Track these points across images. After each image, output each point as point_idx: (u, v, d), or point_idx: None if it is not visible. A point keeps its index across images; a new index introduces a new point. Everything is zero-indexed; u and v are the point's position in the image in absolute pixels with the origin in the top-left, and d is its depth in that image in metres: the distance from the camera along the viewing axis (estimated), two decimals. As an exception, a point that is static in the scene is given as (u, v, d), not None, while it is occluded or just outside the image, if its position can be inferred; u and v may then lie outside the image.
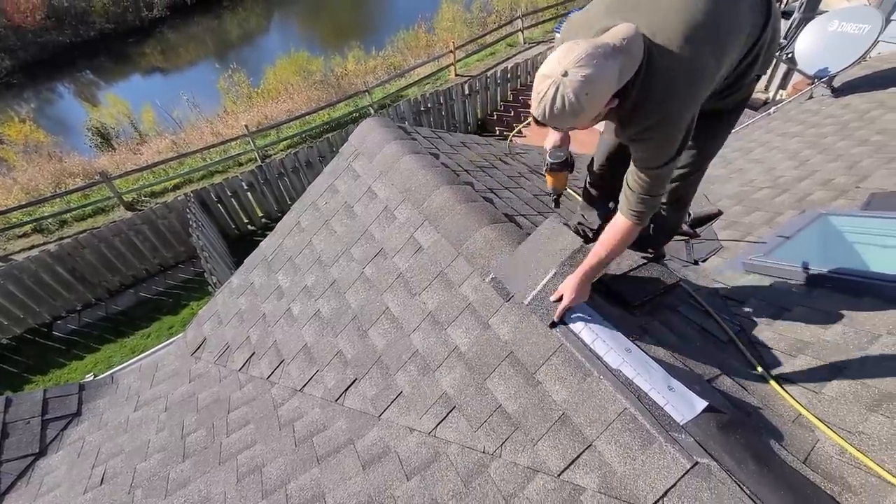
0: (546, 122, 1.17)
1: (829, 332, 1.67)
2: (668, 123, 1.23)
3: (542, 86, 1.11)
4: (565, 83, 1.07)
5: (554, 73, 1.09)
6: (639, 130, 1.27)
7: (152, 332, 7.32)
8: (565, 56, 1.09)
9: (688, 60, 1.18)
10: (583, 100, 1.09)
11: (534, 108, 1.16)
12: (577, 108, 1.10)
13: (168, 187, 10.85)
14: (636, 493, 1.25)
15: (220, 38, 26.79)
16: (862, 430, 1.30)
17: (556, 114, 1.12)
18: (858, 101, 3.90)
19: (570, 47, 1.09)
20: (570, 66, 1.07)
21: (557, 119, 1.13)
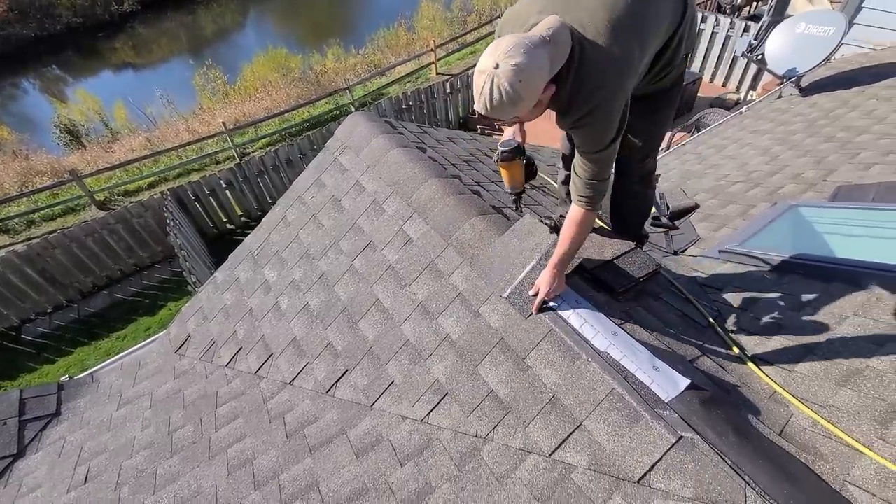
0: (489, 113, 1.22)
1: (800, 314, 1.76)
2: (603, 110, 1.32)
3: (479, 81, 1.18)
4: (498, 74, 1.14)
5: (487, 67, 1.15)
6: (576, 119, 1.35)
7: (128, 333, 7.13)
8: (495, 50, 1.16)
9: (615, 52, 1.27)
10: (517, 87, 1.15)
11: (476, 103, 1.22)
12: (514, 97, 1.16)
13: (142, 186, 10.54)
14: (625, 468, 1.30)
15: (194, 34, 26.12)
16: (832, 403, 1.39)
17: (496, 104, 1.18)
18: (824, 100, 4.09)
19: (498, 42, 1.17)
20: (500, 58, 1.13)
21: (498, 109, 1.20)
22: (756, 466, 1.19)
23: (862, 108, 3.58)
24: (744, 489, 1.15)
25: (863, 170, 2.68)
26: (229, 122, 11.30)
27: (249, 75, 16.03)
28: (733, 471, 1.18)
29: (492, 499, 1.43)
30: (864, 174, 2.63)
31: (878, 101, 3.56)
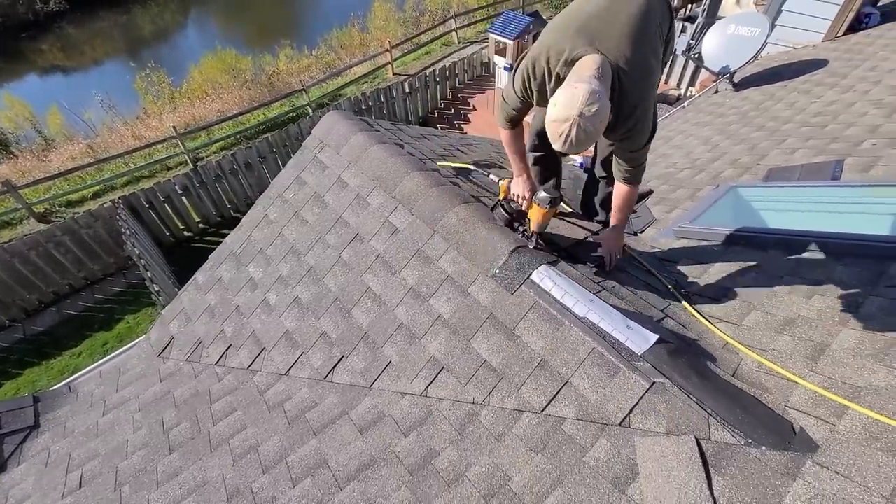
0: (570, 151, 1.45)
1: (744, 278, 2.04)
2: (644, 118, 1.61)
3: (564, 127, 1.38)
4: (583, 121, 1.35)
5: (570, 115, 1.35)
6: (622, 132, 1.63)
7: (83, 350, 6.77)
8: (573, 100, 1.35)
9: (643, 72, 1.55)
10: (598, 127, 1.40)
11: (558, 145, 1.43)
12: (595, 134, 1.41)
13: (87, 195, 9.96)
14: (608, 414, 1.49)
15: (131, 35, 24.71)
16: (773, 347, 1.64)
17: (581, 142, 1.40)
18: (755, 94, 4.55)
19: (573, 93, 1.37)
20: (582, 107, 1.34)
21: (579, 147, 1.42)
22: (716, 401, 1.41)
23: (786, 101, 4.02)
24: (707, 419, 1.37)
25: (789, 154, 3.05)
26: (179, 126, 10.87)
27: (197, 77, 15.42)
28: (698, 406, 1.40)
29: (492, 454, 1.58)
30: (790, 157, 2.99)
31: (798, 94, 4.02)
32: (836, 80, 3.99)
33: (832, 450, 1.24)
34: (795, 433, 1.32)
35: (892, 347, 1.45)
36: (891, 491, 1.11)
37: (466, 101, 11.37)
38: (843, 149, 2.83)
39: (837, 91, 3.75)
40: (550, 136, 1.45)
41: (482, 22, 16.03)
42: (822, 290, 1.80)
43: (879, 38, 4.51)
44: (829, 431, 1.29)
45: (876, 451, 1.20)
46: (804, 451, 1.27)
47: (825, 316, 1.67)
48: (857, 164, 2.58)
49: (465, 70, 11.92)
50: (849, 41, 4.81)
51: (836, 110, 3.40)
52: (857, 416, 1.30)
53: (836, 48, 4.76)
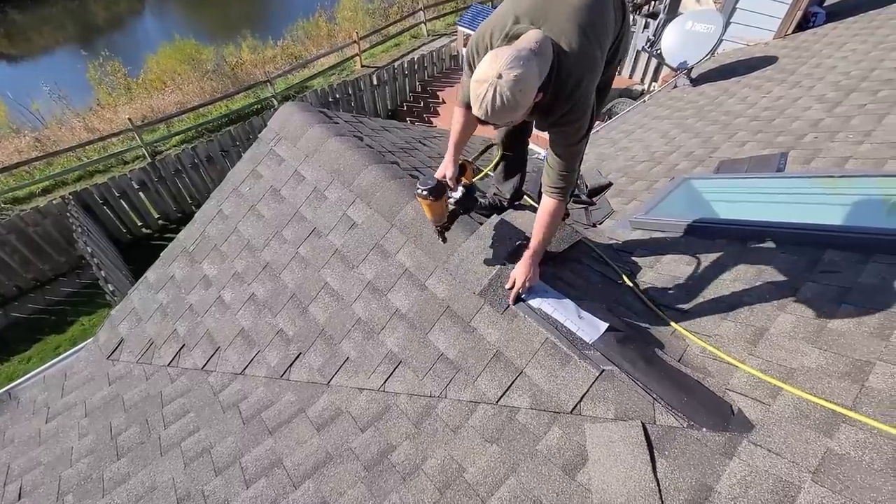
0: (489, 118, 1.33)
1: (693, 267, 2.10)
2: (580, 107, 1.50)
3: (481, 89, 1.28)
4: (500, 84, 1.25)
5: (489, 76, 1.26)
6: (558, 117, 1.53)
7: (33, 355, 6.42)
8: (495, 61, 1.27)
9: (585, 56, 1.47)
10: (518, 95, 1.27)
11: (475, 108, 1.33)
12: (514, 104, 1.29)
13: (35, 191, 9.42)
14: (560, 402, 1.52)
15: (83, 22, 23.39)
16: (716, 333, 1.70)
17: (497, 110, 1.29)
18: (710, 89, 4.70)
19: (497, 54, 1.28)
20: (502, 68, 1.24)
21: (498, 115, 1.31)
22: (661, 386, 1.45)
23: (738, 96, 4.17)
24: (653, 404, 1.41)
25: (739, 147, 3.17)
26: (136, 118, 10.39)
27: (155, 67, 14.75)
28: (644, 391, 1.44)
29: (448, 447, 1.59)
30: (740, 150, 3.11)
31: (750, 90, 4.17)
32: (784, 76, 4.16)
33: (766, 429, 1.30)
34: (734, 414, 1.38)
35: (823, 330, 1.53)
36: (817, 465, 1.17)
37: (436, 95, 11.30)
38: (788, 142, 2.96)
39: (785, 87, 3.91)
40: (471, 98, 1.33)
41: (451, 14, 15.95)
42: (764, 277, 1.87)
43: (824, 36, 4.73)
44: (764, 412, 1.35)
45: (805, 429, 1.26)
46: (741, 431, 1.32)
47: (765, 302, 1.74)
48: (800, 157, 2.70)
49: (434, 63, 11.84)
50: (797, 39, 5.02)
51: (783, 105, 3.55)
52: (790, 396, 1.36)
53: (785, 45, 4.96)
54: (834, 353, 1.44)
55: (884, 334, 1.42)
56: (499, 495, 1.42)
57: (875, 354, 1.38)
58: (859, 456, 1.16)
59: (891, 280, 1.61)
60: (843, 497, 1.10)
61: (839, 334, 1.49)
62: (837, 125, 2.93)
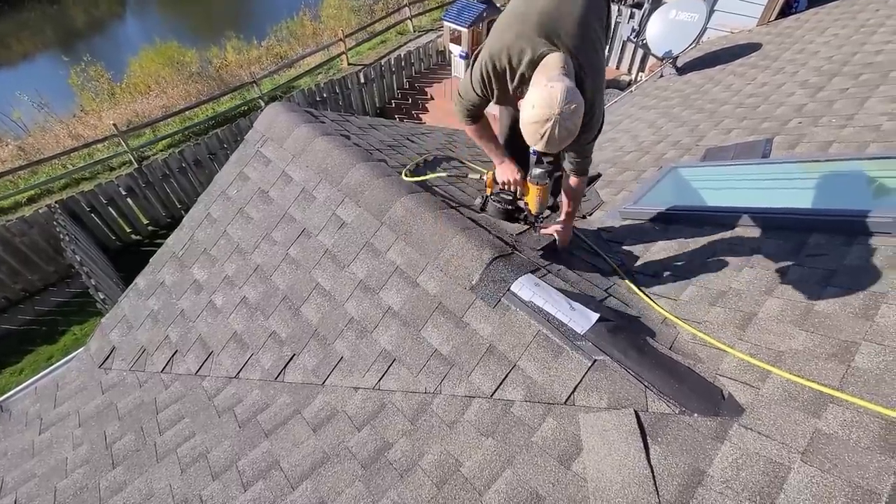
0: (551, 150, 1.49)
1: (682, 255, 2.12)
2: (599, 110, 1.68)
3: (545, 128, 1.39)
4: (563, 119, 1.38)
5: (552, 115, 1.37)
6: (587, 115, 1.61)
7: (25, 366, 6.35)
8: (552, 100, 1.37)
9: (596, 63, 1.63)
10: (577, 122, 1.43)
11: (540, 145, 1.45)
12: (574, 130, 1.44)
13: (20, 201, 9.27)
14: (553, 393, 1.53)
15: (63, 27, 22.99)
16: (706, 319, 1.72)
17: (563, 140, 1.44)
18: (696, 78, 4.72)
19: (551, 93, 1.38)
20: (561, 106, 1.36)
21: (561, 144, 1.46)
22: (652, 374, 1.47)
23: (724, 83, 4.20)
24: (645, 391, 1.42)
25: (725, 134, 3.19)
26: (121, 123, 10.25)
27: (139, 71, 14.56)
28: (636, 379, 1.45)
29: (444, 442, 1.59)
30: (726, 137, 3.13)
31: (734, 77, 4.20)
32: (768, 62, 4.19)
33: (756, 412, 1.32)
34: (724, 399, 1.40)
35: (810, 312, 1.55)
36: (805, 446, 1.19)
37: (424, 91, 11.26)
38: (772, 128, 2.99)
39: (769, 73, 3.94)
40: (528, 137, 1.46)
41: (437, 10, 15.86)
42: (752, 262, 1.89)
43: (806, 21, 4.77)
44: (753, 395, 1.37)
45: (794, 410, 1.28)
46: (732, 415, 1.34)
47: (753, 287, 1.77)
48: (785, 142, 2.73)
49: (421, 59, 11.79)
50: (780, 25, 5.06)
51: (768, 91, 3.58)
52: (779, 379, 1.38)
53: (768, 32, 4.99)
54: (821, 334, 1.47)
55: (868, 315, 1.45)
56: (496, 488, 1.43)
57: (860, 335, 1.40)
58: (847, 435, 1.18)
59: (874, 261, 1.63)
60: (832, 476, 1.12)
61: (825, 316, 1.51)
62: (821, 110, 2.97)
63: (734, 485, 1.19)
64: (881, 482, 1.07)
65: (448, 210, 2.06)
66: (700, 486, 1.22)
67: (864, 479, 1.08)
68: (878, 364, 1.31)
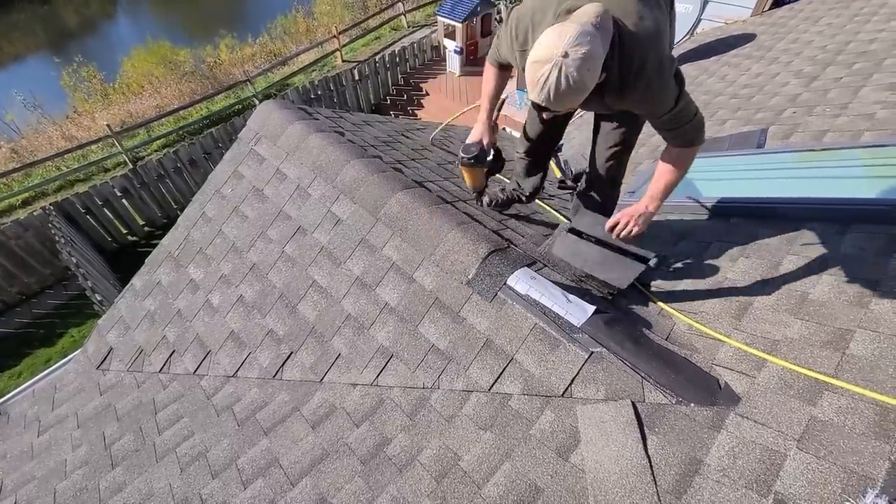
0: (551, 103, 1.20)
1: (678, 246, 2.13)
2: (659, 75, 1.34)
3: (543, 70, 1.15)
4: (567, 63, 1.12)
5: (552, 55, 1.13)
6: (636, 97, 1.37)
7: (23, 370, 6.34)
8: (559, 38, 1.13)
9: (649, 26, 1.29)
10: (585, 76, 1.15)
11: (534, 94, 1.20)
12: (581, 85, 1.16)
13: (14, 204, 9.23)
14: (551, 386, 1.54)
15: (54, 27, 22.82)
16: (702, 310, 1.73)
17: (562, 93, 1.16)
18: (690, 69, 4.71)
19: (561, 30, 1.14)
20: (568, 46, 1.11)
21: (562, 98, 1.18)
22: (649, 365, 1.47)
23: (718, 74, 4.19)
24: (641, 382, 1.43)
25: (720, 125, 3.19)
26: (114, 124, 10.19)
27: (131, 72, 14.46)
28: (633, 370, 1.46)
29: (443, 436, 1.60)
30: (721, 128, 3.13)
31: (729, 68, 4.20)
32: (762, 52, 4.18)
33: (752, 400, 1.33)
34: (720, 388, 1.40)
35: (805, 301, 1.56)
36: (801, 433, 1.20)
37: (419, 87, 11.23)
38: (767, 118, 2.99)
39: (763, 63, 3.94)
40: (528, 83, 1.20)
41: (431, 5, 15.77)
42: (747, 252, 1.90)
43: (801, 11, 4.76)
44: (749, 384, 1.38)
45: (789, 398, 1.29)
46: (728, 404, 1.35)
47: (748, 276, 1.77)
48: (779, 132, 2.73)
49: (416, 55, 11.74)
50: (774, 15, 5.04)
51: (762, 82, 3.58)
52: (774, 367, 1.39)
53: (763, 22, 4.98)
54: (816, 323, 1.47)
55: (863, 302, 1.45)
56: (494, 481, 1.43)
57: (855, 322, 1.41)
58: (842, 421, 1.19)
59: (869, 249, 1.64)
60: (828, 462, 1.13)
61: (820, 304, 1.52)
62: (815, 99, 2.97)
63: (731, 473, 1.19)
64: (876, 467, 1.07)
65: (443, 205, 2.05)
66: (697, 475, 1.22)
67: (859, 465, 1.09)
68: (873, 351, 1.31)
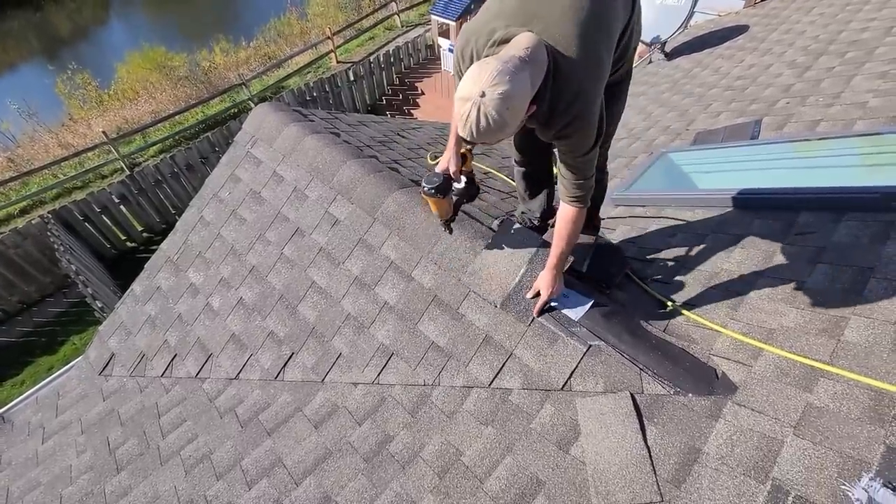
0: (475, 139, 1.21)
1: (675, 238, 2.14)
2: (584, 116, 1.34)
3: (464, 108, 1.15)
4: (485, 103, 1.12)
5: (472, 94, 1.13)
6: (560, 128, 1.36)
7: (26, 378, 6.34)
8: (479, 77, 1.13)
9: (587, 60, 1.28)
10: (504, 114, 1.14)
11: (460, 129, 1.21)
12: (501, 123, 1.15)
13: (13, 213, 9.23)
14: (550, 380, 1.55)
15: (47, 35, 22.73)
16: (699, 301, 1.74)
17: (483, 131, 1.17)
18: (684, 62, 4.72)
19: (482, 68, 1.14)
20: (485, 85, 1.11)
21: (485, 136, 1.19)
22: (647, 356, 1.48)
23: (712, 67, 4.20)
24: (640, 374, 1.44)
25: (714, 117, 3.20)
26: (110, 130, 10.18)
27: (126, 77, 14.43)
28: (631, 363, 1.47)
29: (444, 432, 1.61)
30: (715, 121, 3.14)
31: (722, 60, 4.20)
32: (755, 44, 4.19)
33: (749, 389, 1.34)
34: (718, 378, 1.42)
35: (799, 290, 1.57)
36: (798, 419, 1.22)
37: (414, 86, 11.22)
38: (760, 109, 3.00)
39: (757, 55, 3.94)
40: (454, 116, 1.22)
41: (424, 3, 15.76)
42: (742, 243, 1.91)
43: (793, 1, 4.76)
44: (746, 373, 1.39)
45: (785, 386, 1.30)
46: (725, 393, 1.36)
47: (744, 267, 1.78)
48: (773, 123, 2.74)
49: (410, 54, 11.74)
50: (767, 6, 5.05)
51: (755, 73, 3.59)
52: (770, 356, 1.40)
53: (755, 13, 4.99)
54: (811, 311, 1.48)
55: (857, 289, 1.47)
56: (496, 475, 1.45)
57: (849, 309, 1.42)
58: (837, 407, 1.20)
59: (862, 237, 1.65)
60: (824, 447, 1.14)
61: (815, 293, 1.53)
62: (808, 89, 2.98)
63: (729, 461, 1.21)
64: (871, 451, 1.09)
65: (440, 203, 2.06)
66: (696, 464, 1.24)
67: (855, 450, 1.11)
68: (868, 337, 1.33)
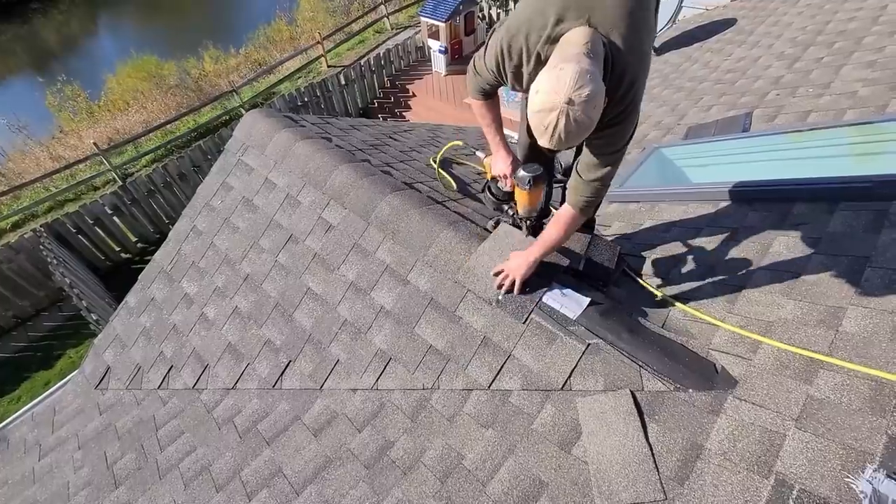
0: (560, 147, 1.20)
1: (669, 233, 2.13)
2: (634, 107, 1.35)
3: (548, 119, 1.14)
4: (574, 109, 1.11)
5: (557, 104, 1.12)
6: (610, 118, 1.34)
7: (22, 394, 6.28)
8: (558, 84, 1.12)
9: (638, 50, 1.30)
10: (592, 115, 1.15)
11: (544, 141, 1.20)
12: (589, 125, 1.16)
13: (5, 227, 9.15)
14: (550, 380, 1.54)
15: (35, 47, 22.57)
16: (696, 295, 1.73)
17: (571, 136, 1.16)
18: (674, 57, 4.73)
19: (558, 75, 1.13)
20: (570, 92, 1.10)
21: (571, 140, 1.18)
22: (646, 353, 1.48)
23: (701, 61, 4.22)
24: (639, 371, 1.44)
25: (705, 111, 3.21)
26: (101, 141, 10.13)
27: (116, 88, 14.36)
28: (630, 360, 1.46)
29: (445, 436, 1.60)
30: (706, 115, 3.15)
31: (711, 54, 4.22)
32: (743, 37, 4.21)
33: (749, 383, 1.34)
34: (718, 372, 1.41)
35: (797, 281, 1.57)
36: (799, 412, 1.21)
37: (405, 89, 11.21)
38: (751, 101, 3.00)
39: (745, 48, 3.96)
40: (534, 129, 1.20)
41: (413, 6, 15.76)
42: (737, 235, 1.91)
43: (780, -6, 4.79)
44: (746, 367, 1.39)
45: (786, 379, 1.30)
46: (726, 388, 1.35)
47: (740, 260, 1.78)
48: (764, 115, 2.75)
49: (401, 56, 11.73)
50: (754, -1, 5.07)
51: (745, 66, 3.60)
52: (770, 348, 1.40)
53: (743, 6, 5.01)
54: (808, 302, 1.48)
55: (853, 279, 1.46)
56: (499, 477, 1.43)
57: (846, 299, 1.42)
58: (838, 398, 1.20)
59: (857, 226, 1.65)
60: (826, 439, 1.13)
61: (812, 284, 1.53)
62: (798, 80, 2.99)
63: (732, 456, 1.20)
64: (874, 442, 1.08)
65: (434, 205, 2.05)
66: (699, 460, 1.23)
67: (857, 441, 1.10)
68: (866, 327, 1.32)
